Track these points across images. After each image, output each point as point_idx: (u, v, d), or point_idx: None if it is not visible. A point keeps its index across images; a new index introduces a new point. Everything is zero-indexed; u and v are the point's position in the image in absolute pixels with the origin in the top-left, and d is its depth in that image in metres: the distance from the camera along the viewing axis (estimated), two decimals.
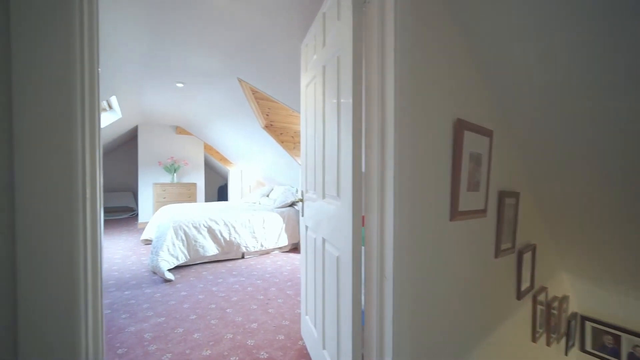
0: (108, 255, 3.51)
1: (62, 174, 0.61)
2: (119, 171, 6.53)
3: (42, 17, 0.57)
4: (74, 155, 0.62)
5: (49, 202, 0.59)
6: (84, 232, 0.64)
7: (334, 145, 1.19)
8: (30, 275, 0.58)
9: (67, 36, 0.59)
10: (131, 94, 3.10)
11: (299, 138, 3.57)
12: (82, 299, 0.64)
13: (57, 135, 0.60)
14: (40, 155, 0.58)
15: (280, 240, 3.63)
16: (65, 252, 0.61)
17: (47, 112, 0.59)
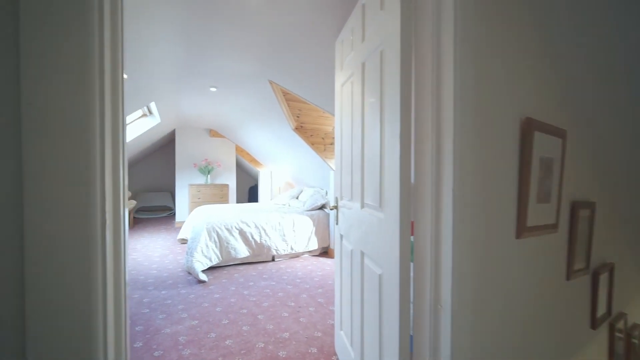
0: (148, 253, 3.69)
1: (76, 180, 0.56)
2: (159, 172, 6.93)
3: (55, 18, 0.53)
4: (91, 163, 0.57)
5: (63, 210, 0.55)
6: (102, 246, 0.59)
7: (376, 151, 1.07)
8: (40, 281, 0.55)
9: (83, 39, 0.55)
10: (168, 99, 3.22)
11: (330, 140, 3.47)
12: (100, 311, 0.60)
13: (71, 143, 0.55)
14: (53, 162, 0.54)
15: (311, 244, 3.56)
16: (83, 266, 0.57)
17: (60, 120, 0.55)
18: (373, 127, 1.11)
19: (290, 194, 4.80)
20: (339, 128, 1.59)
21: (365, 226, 1.19)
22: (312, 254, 3.67)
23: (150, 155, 6.85)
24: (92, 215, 0.57)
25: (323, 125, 3.36)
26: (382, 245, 1.01)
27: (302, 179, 5.19)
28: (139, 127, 3.97)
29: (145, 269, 3.11)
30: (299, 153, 4.09)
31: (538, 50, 0.99)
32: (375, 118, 1.08)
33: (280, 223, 3.43)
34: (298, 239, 3.48)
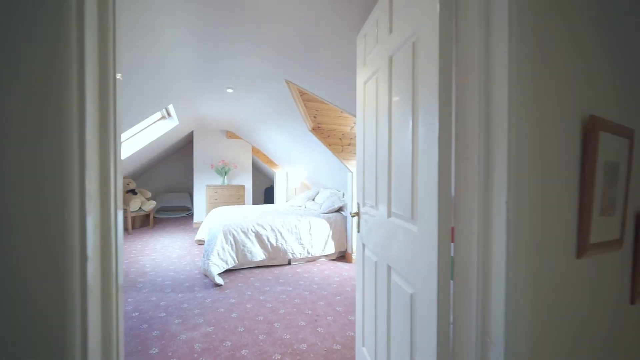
0: (167, 254, 3.73)
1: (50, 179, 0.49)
2: (178, 173, 7.07)
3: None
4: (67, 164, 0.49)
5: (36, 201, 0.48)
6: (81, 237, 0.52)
7: (406, 156, 0.96)
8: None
9: (55, 27, 0.47)
10: (186, 101, 3.22)
11: (348, 141, 3.36)
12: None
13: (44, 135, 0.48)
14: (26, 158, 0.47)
15: (327, 248, 3.46)
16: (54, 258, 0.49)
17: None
18: (402, 129, 0.99)
19: (306, 196, 4.73)
20: (361, 129, 1.48)
21: (392, 238, 1.08)
22: (329, 258, 3.57)
23: (170, 157, 7.00)
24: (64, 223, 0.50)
25: (341, 125, 3.25)
26: (414, 262, 0.89)
27: (318, 181, 5.10)
28: (158, 129, 4.03)
29: (163, 270, 3.13)
30: (315, 154, 4.00)
31: (602, 36, 0.84)
32: (405, 119, 0.97)
33: (297, 226, 3.35)
34: (315, 242, 3.40)
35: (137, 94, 2.40)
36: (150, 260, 3.47)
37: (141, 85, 2.28)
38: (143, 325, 2.03)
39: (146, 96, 2.55)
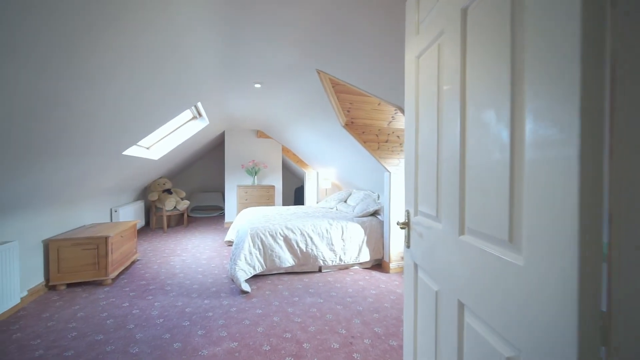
0: (197, 255, 3.69)
1: None
2: (211, 173, 7.21)
3: None
4: None
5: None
6: None
7: (496, 153, 0.64)
8: None
9: None
10: (214, 99, 3.12)
11: (385, 137, 3.02)
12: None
13: None
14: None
15: (362, 255, 3.15)
16: None
17: None
18: (488, 116, 0.67)
19: (337, 197, 4.45)
20: (412, 118, 1.17)
21: (467, 265, 0.76)
22: (363, 267, 3.25)
23: (204, 157, 7.16)
24: None
25: (377, 120, 2.93)
26: (520, 311, 0.57)
27: (350, 181, 4.79)
28: (190, 129, 4.03)
29: (192, 272, 3.06)
30: (348, 152, 3.71)
31: None
32: (495, 100, 0.65)
33: (328, 230, 3.09)
34: (347, 248, 3.11)
35: (166, 93, 2.32)
36: (181, 261, 3.45)
37: (169, 83, 2.19)
38: (166, 334, 1.91)
39: (173, 94, 2.46)
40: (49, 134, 1.71)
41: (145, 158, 3.54)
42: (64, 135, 1.83)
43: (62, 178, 2.39)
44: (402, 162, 3.10)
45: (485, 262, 0.68)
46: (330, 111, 2.86)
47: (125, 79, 1.75)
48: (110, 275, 2.74)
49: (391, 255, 3.09)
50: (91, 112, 1.82)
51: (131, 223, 3.31)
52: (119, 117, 2.18)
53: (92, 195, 3.38)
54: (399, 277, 2.98)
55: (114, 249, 2.83)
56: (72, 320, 2.08)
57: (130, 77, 1.78)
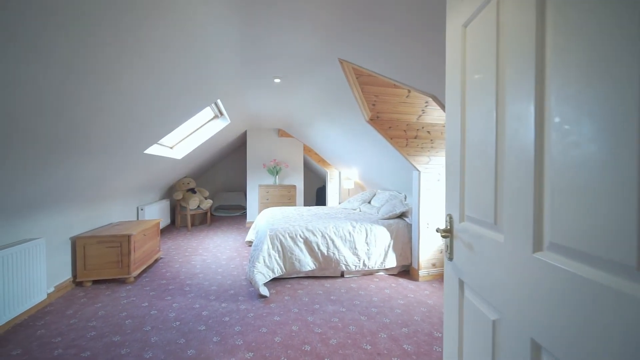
0: (217, 254, 3.66)
1: None
2: (234, 172, 7.27)
3: None
4: None
5: None
6: None
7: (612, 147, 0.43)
8: None
9: None
10: (233, 96, 3.05)
11: (414, 132, 2.77)
12: None
13: None
14: None
15: (388, 261, 2.92)
16: None
17: None
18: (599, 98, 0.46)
19: (361, 198, 4.23)
20: (455, 104, 0.96)
21: (551, 295, 0.55)
22: (389, 273, 3.02)
23: (227, 157, 7.24)
24: None
25: (405, 114, 2.69)
26: None
27: (374, 181, 4.56)
28: (212, 128, 4.02)
29: (212, 273, 3.01)
30: (373, 150, 3.49)
31: None
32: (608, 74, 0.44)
33: (351, 233, 2.90)
34: (372, 253, 2.89)
35: (184, 89, 2.27)
36: (201, 260, 3.42)
37: (187, 80, 2.13)
38: (181, 339, 1.83)
39: (192, 92, 2.41)
40: (71, 132, 1.69)
41: (169, 157, 3.56)
42: (82, 133, 1.81)
43: (88, 176, 2.42)
44: (432, 160, 2.84)
45: (585, 293, 0.47)
46: (354, 105, 2.66)
47: (142, 74, 1.70)
48: (133, 274, 2.75)
49: (420, 262, 2.83)
50: (109, 108, 1.79)
51: (154, 222, 3.34)
52: (138, 115, 2.15)
53: (120, 193, 3.45)
54: (430, 286, 2.72)
55: (136, 247, 2.85)
56: (93, 318, 2.08)
57: (148, 73, 1.72)
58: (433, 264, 2.88)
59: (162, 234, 4.77)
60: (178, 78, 2.06)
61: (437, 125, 2.86)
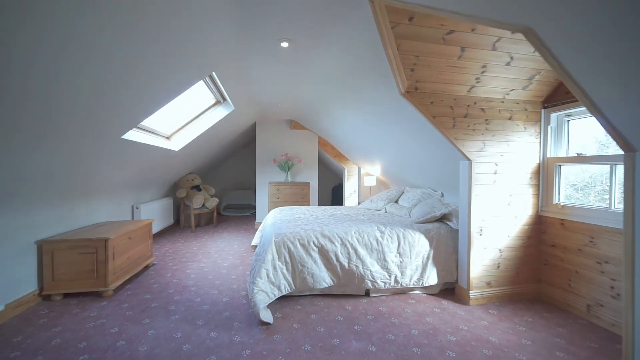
0: (219, 261, 3.14)
1: None
2: (244, 170, 6.80)
3: None
4: None
5: None
6: None
7: None
8: None
9: None
10: (232, 67, 2.48)
11: (465, 109, 2.11)
12: None
13: None
14: None
15: (427, 277, 2.27)
16: None
17: None
18: None
19: (386, 196, 3.58)
20: None
21: None
22: (428, 292, 2.35)
23: (237, 153, 6.78)
24: None
25: (454, 83, 2.02)
26: None
27: (401, 176, 3.88)
28: (214, 116, 3.51)
29: (207, 285, 2.47)
30: (404, 136, 2.85)
31: None
32: None
33: (379, 240, 2.27)
34: (406, 266, 2.25)
35: (168, 60, 1.75)
36: (198, 268, 2.90)
37: (171, 48, 1.60)
38: None
39: (177, 61, 1.88)
40: (35, 113, 1.21)
41: (163, 148, 3.07)
42: (48, 114, 1.32)
43: (59, 167, 1.95)
44: (488, 146, 2.16)
45: None
46: (385, 71, 2.03)
47: (113, 40, 1.19)
48: (111, 286, 2.26)
49: (471, 279, 2.16)
50: (76, 84, 1.28)
51: (144, 222, 2.85)
52: (109, 92, 1.65)
53: (109, 189, 3.00)
54: (486, 313, 2.04)
55: (116, 253, 2.36)
56: (41, 350, 1.58)
57: (120, 39, 1.21)
58: (488, 282, 2.19)
59: (163, 235, 4.33)
60: (160, 44, 1.54)
61: (494, 100, 2.17)
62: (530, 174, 2.26)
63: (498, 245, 2.21)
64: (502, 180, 2.20)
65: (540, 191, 2.27)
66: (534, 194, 2.27)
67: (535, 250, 2.28)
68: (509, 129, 2.20)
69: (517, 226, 2.24)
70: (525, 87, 2.13)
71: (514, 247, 2.24)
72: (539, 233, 2.28)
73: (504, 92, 2.15)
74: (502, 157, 2.19)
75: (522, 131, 2.23)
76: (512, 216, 2.23)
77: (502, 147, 2.19)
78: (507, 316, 1.99)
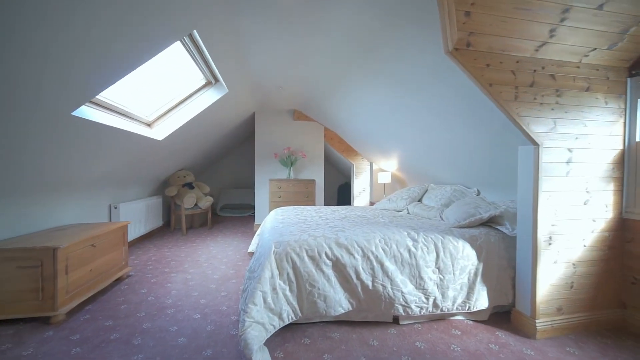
0: (207, 271, 2.61)
1: None
2: (242, 167, 6.28)
3: None
4: None
5: None
6: None
7: None
8: None
9: None
10: (218, 24, 1.93)
11: (531, 76, 1.57)
12: None
13: None
14: None
15: (474, 299, 1.72)
16: None
17: None
18: None
19: (407, 194, 3.04)
20: None
21: None
22: (475, 318, 1.80)
23: (234, 150, 6.27)
24: None
25: (520, 37, 1.48)
26: None
27: (424, 171, 3.32)
28: (205, 100, 2.99)
29: (189, 306, 1.94)
30: (434, 115, 2.32)
31: None
32: None
33: (412, 251, 1.72)
34: (448, 285, 1.70)
35: (138, 14, 1.24)
36: (183, 281, 2.37)
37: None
38: None
39: (152, 16, 1.37)
40: None
41: (144, 136, 2.56)
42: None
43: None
44: (559, 125, 1.61)
45: None
46: (428, 21, 1.50)
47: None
48: (62, 310, 1.73)
49: (538, 304, 1.61)
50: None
51: (115, 225, 2.33)
52: (54, 53, 1.13)
53: (76, 186, 2.48)
54: (565, 354, 1.49)
55: (72, 265, 1.83)
56: None
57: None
58: (559, 307, 1.64)
59: (150, 239, 3.81)
60: None
61: (568, 64, 1.62)
62: (612, 163, 1.70)
63: (571, 258, 1.66)
64: (576, 172, 1.65)
65: (625, 186, 1.72)
66: (616, 190, 1.72)
67: (617, 265, 1.73)
68: (586, 103, 1.66)
69: (595, 233, 1.69)
70: (611, 45, 1.58)
71: (590, 261, 1.69)
72: (622, 242, 1.73)
73: (582, 53, 1.60)
74: (577, 140, 1.65)
75: (602, 107, 1.68)
76: (589, 219, 1.68)
77: (577, 127, 1.64)
78: (595, 358, 1.44)
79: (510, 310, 1.78)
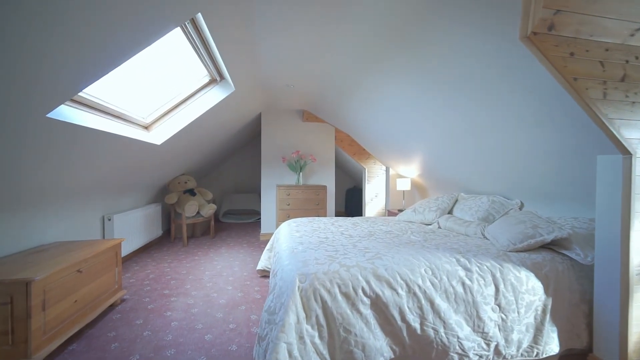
0: (212, 294, 2.29)
1: None
2: (246, 171, 5.97)
3: None
4: None
5: None
6: None
7: None
8: None
9: None
10: (228, 7, 1.61)
11: (621, 68, 1.25)
12: None
13: None
14: None
15: (543, 343, 1.40)
16: None
17: None
18: None
19: (436, 205, 2.71)
20: None
21: None
22: None
23: (238, 153, 5.96)
24: None
25: (614, 18, 1.16)
26: None
27: (453, 177, 3.00)
28: (209, 100, 2.67)
29: (193, 345, 1.63)
30: (479, 107, 2.00)
31: None
32: None
33: (465, 284, 1.40)
34: (513, 326, 1.38)
35: None
36: (184, 309, 2.06)
37: None
38: None
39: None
40: None
41: (141, 141, 2.25)
42: None
43: None
44: None
45: None
46: (491, 4, 1.18)
47: None
48: (38, 355, 1.41)
49: (630, 353, 1.29)
50: None
51: (106, 245, 2.01)
52: (20, 37, 0.81)
53: (62, 196, 2.17)
54: None
55: (53, 298, 1.52)
56: None
57: None
58: None
59: (148, 251, 3.49)
60: None
61: None
62: None
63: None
64: None
65: None
66: None
67: None
68: None
69: None
70: None
71: None
72: None
73: None
74: None
75: None
76: None
77: None
78: None
79: (584, 354, 1.46)
